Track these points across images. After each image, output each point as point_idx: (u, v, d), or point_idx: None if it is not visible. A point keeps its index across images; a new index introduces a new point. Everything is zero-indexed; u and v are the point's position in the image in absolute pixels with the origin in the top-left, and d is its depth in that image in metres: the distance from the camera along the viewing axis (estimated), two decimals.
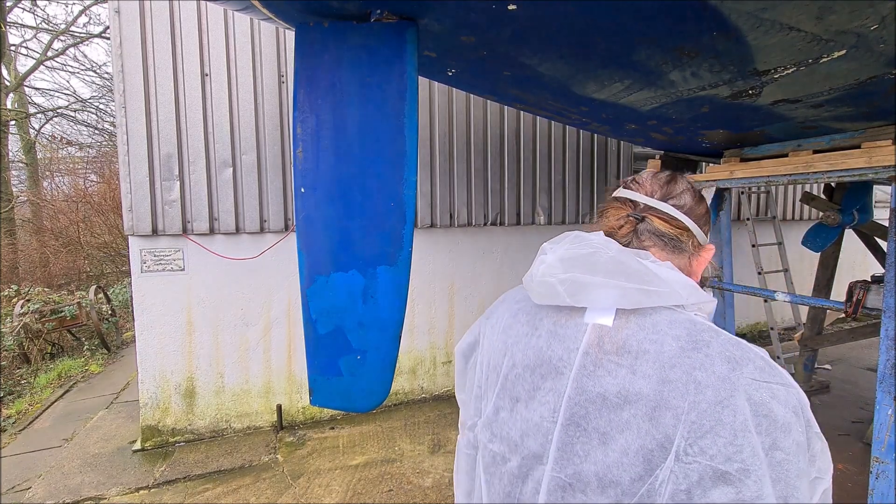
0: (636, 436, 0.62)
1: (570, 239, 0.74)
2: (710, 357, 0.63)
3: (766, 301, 4.92)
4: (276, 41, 3.79)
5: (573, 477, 0.65)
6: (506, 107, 4.52)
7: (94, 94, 12.97)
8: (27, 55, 11.95)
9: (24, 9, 11.65)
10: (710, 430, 0.59)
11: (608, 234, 0.77)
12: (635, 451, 0.62)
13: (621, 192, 0.82)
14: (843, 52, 1.80)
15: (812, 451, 0.65)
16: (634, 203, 0.79)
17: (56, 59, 12.09)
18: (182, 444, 3.70)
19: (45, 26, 11.74)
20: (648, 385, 0.63)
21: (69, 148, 12.70)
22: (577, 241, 0.73)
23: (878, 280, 2.42)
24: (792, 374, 4.58)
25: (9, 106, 11.22)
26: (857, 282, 2.50)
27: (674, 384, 0.62)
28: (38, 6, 11.66)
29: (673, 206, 0.78)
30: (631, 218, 0.77)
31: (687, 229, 0.77)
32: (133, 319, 3.86)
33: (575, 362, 0.68)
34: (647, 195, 0.79)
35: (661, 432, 0.61)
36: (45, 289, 8.07)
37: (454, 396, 1.67)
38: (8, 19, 10.91)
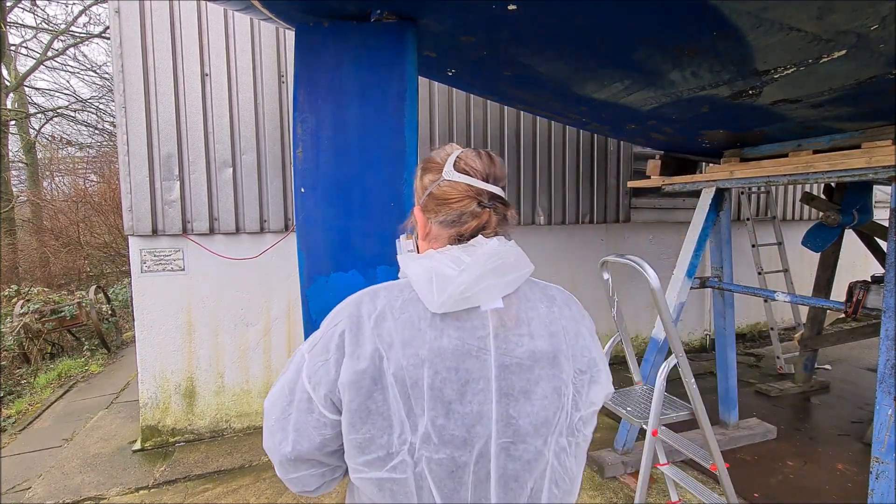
0: (548, 382, 0.79)
1: (484, 257, 0.79)
2: (559, 307, 0.86)
3: (766, 301, 4.93)
4: (276, 41, 3.79)
5: (513, 436, 0.77)
6: (506, 107, 4.52)
7: (94, 94, 12.98)
8: (27, 55, 11.96)
9: (24, 9, 11.64)
10: (580, 354, 0.84)
11: (478, 228, 0.84)
12: (550, 393, 0.79)
13: (463, 179, 0.84)
14: (844, 51, 1.80)
15: None
16: (480, 191, 0.84)
17: (56, 59, 12.10)
18: (182, 444, 3.70)
19: (45, 26, 11.74)
20: (543, 342, 0.80)
21: (69, 148, 12.70)
22: (488, 257, 0.79)
23: (878, 280, 2.42)
24: (792, 375, 4.60)
25: (9, 106, 11.22)
26: (857, 282, 2.50)
27: (557, 335, 0.82)
28: (38, 6, 11.65)
29: (502, 188, 0.88)
30: (487, 210, 0.84)
31: (510, 206, 0.89)
32: (133, 319, 3.86)
33: (491, 346, 0.77)
34: (486, 181, 0.85)
35: (560, 371, 0.81)
36: (45, 289, 8.07)
37: None
38: (8, 19, 10.91)
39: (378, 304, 0.79)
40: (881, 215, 4.34)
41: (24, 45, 11.87)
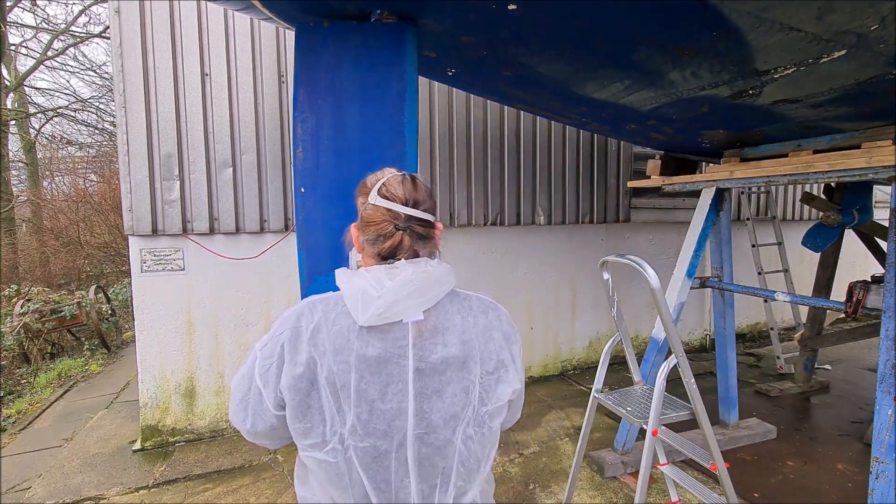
0: (457, 383, 0.94)
1: (399, 284, 0.91)
2: (474, 316, 0.98)
3: (766, 301, 4.93)
4: (276, 41, 3.79)
5: (427, 428, 0.92)
6: (506, 107, 4.52)
7: (94, 93, 12.98)
8: (27, 55, 11.96)
9: (24, 8, 11.64)
10: (489, 357, 0.97)
11: (392, 248, 0.95)
12: (459, 392, 0.94)
13: (384, 203, 0.96)
14: (844, 51, 1.80)
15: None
16: (397, 214, 0.96)
17: (56, 58, 12.10)
18: (182, 443, 3.70)
19: (45, 26, 11.74)
20: (455, 349, 0.94)
21: (69, 148, 12.70)
22: (402, 285, 0.91)
23: (878, 280, 2.42)
24: (792, 375, 4.60)
25: (9, 106, 11.22)
26: (857, 282, 2.50)
27: (469, 343, 0.95)
28: (38, 6, 11.65)
29: (424, 210, 0.98)
30: (401, 232, 0.96)
31: (433, 225, 1.01)
32: (133, 319, 3.86)
33: (410, 353, 0.92)
34: (404, 204, 0.96)
35: (469, 373, 0.95)
36: (45, 288, 8.07)
37: None
38: (8, 19, 10.91)
39: (315, 317, 0.94)
40: (881, 215, 4.34)
41: (24, 44, 11.88)
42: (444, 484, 0.96)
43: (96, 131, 13.14)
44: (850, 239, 4.18)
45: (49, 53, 11.79)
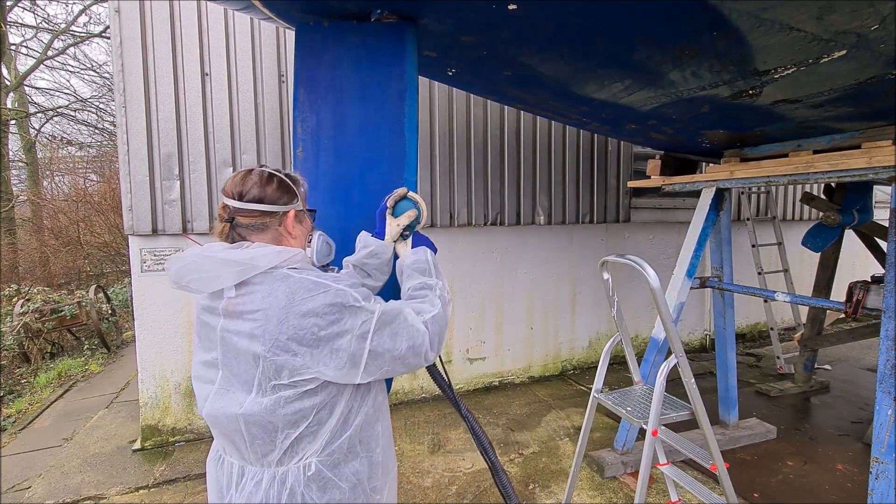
0: (247, 350, 1.06)
1: (198, 251, 1.10)
2: (276, 297, 1.05)
3: (766, 301, 4.93)
4: (276, 41, 3.79)
5: (227, 384, 1.10)
6: (506, 106, 4.52)
7: (94, 93, 12.99)
8: (27, 55, 11.97)
9: (24, 8, 11.65)
10: (276, 342, 1.04)
11: (220, 234, 1.15)
12: (249, 359, 1.06)
13: (223, 199, 1.16)
14: (844, 52, 1.80)
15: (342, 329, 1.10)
16: (224, 205, 1.15)
17: (56, 58, 12.11)
18: (182, 443, 3.70)
19: (46, 26, 11.74)
20: (251, 324, 1.05)
21: (69, 147, 12.70)
22: (198, 257, 1.09)
23: (878, 280, 2.42)
24: (792, 375, 4.60)
25: (9, 105, 11.22)
26: (857, 282, 2.50)
27: (258, 322, 1.05)
28: (38, 6, 11.66)
29: (248, 201, 1.13)
30: (224, 223, 1.14)
31: (264, 213, 1.14)
32: (133, 319, 3.86)
33: (220, 321, 1.10)
34: (230, 198, 1.14)
35: (254, 345, 1.05)
36: (45, 288, 8.07)
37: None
38: (8, 19, 10.91)
39: None
40: (881, 215, 4.34)
41: (24, 44, 11.89)
42: None
43: (96, 131, 13.14)
44: (850, 239, 4.18)
45: (49, 53, 11.80)
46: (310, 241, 1.32)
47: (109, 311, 7.68)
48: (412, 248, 1.47)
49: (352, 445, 1.16)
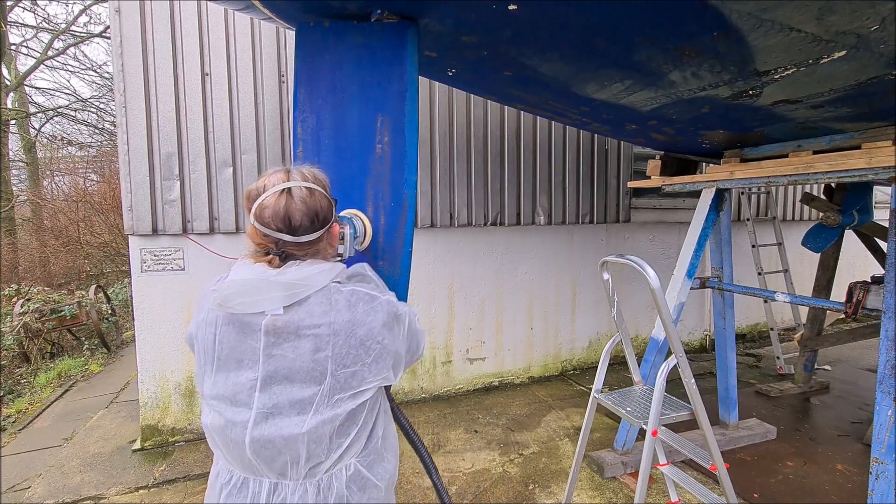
0: (309, 367, 1.03)
1: (246, 276, 1.06)
2: (338, 311, 1.06)
3: (766, 301, 4.93)
4: (277, 41, 3.79)
5: (273, 408, 1.04)
6: (506, 107, 4.52)
7: (95, 93, 12.98)
8: (27, 54, 11.96)
9: (24, 8, 11.65)
10: (347, 354, 1.05)
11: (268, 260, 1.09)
12: (313, 375, 1.03)
13: (261, 229, 1.07)
14: (844, 52, 1.80)
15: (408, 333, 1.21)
16: (272, 239, 1.07)
17: (56, 58, 12.10)
18: (182, 443, 3.70)
19: (46, 26, 11.74)
20: (314, 341, 1.03)
21: (69, 147, 12.70)
22: (250, 282, 1.05)
23: (877, 281, 2.42)
24: (792, 375, 4.60)
25: (9, 105, 11.22)
26: (857, 282, 2.50)
27: (323, 337, 1.04)
28: (38, 6, 11.67)
29: (302, 234, 1.09)
30: (273, 255, 1.08)
31: (311, 242, 1.11)
32: (133, 319, 3.86)
33: (264, 339, 1.04)
34: (273, 230, 1.06)
35: (320, 361, 1.03)
36: (45, 288, 8.07)
37: (454, 397, 1.69)
38: (8, 18, 10.91)
39: (206, 300, 1.15)
40: (881, 216, 4.34)
41: (24, 44, 11.89)
42: None
43: (96, 131, 13.14)
44: (851, 239, 4.18)
45: (49, 53, 11.79)
46: (342, 239, 1.31)
47: (109, 311, 7.68)
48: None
49: (381, 444, 1.20)
